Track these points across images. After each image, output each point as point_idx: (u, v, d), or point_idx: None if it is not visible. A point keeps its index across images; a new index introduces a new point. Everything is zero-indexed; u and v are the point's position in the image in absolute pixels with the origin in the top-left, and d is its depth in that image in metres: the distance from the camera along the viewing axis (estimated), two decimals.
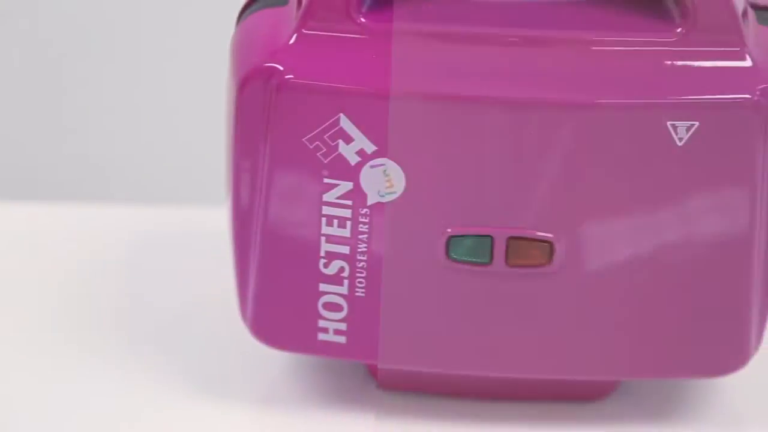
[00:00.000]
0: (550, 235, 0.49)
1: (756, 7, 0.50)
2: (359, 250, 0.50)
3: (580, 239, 0.49)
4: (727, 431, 0.53)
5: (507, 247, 0.49)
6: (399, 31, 0.48)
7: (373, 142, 0.48)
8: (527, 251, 0.49)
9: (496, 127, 0.47)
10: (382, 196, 0.49)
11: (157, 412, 0.53)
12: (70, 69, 0.84)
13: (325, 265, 0.50)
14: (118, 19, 0.85)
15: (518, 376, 0.51)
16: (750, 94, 0.47)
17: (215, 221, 0.59)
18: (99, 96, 0.84)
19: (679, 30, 0.48)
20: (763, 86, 0.47)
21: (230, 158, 0.50)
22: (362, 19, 0.48)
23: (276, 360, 0.55)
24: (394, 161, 0.48)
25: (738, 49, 0.47)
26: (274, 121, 0.48)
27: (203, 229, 0.63)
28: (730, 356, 0.50)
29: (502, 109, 0.47)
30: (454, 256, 0.49)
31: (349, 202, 0.49)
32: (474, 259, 0.49)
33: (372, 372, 0.54)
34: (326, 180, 0.49)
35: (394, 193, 0.49)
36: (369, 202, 0.49)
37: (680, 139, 0.48)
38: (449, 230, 0.49)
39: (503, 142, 0.48)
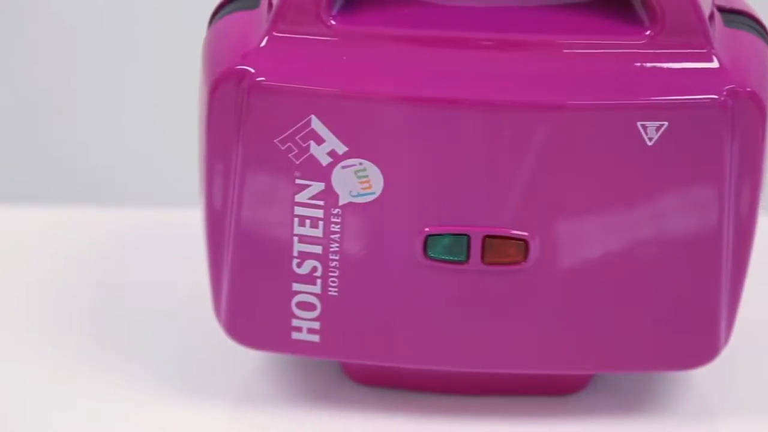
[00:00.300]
0: (525, 233, 0.49)
1: (722, 10, 0.50)
2: (331, 249, 0.50)
3: (555, 237, 0.49)
4: (698, 422, 0.53)
5: (483, 245, 0.49)
6: (370, 33, 0.48)
7: (344, 143, 0.48)
8: (503, 249, 0.49)
9: (471, 128, 0.48)
10: (355, 196, 0.49)
11: (133, 412, 0.53)
12: (42, 68, 0.84)
13: (298, 265, 0.50)
14: (86, 20, 0.85)
15: (495, 371, 0.52)
16: (717, 95, 0.47)
17: (189, 222, 0.59)
18: (71, 98, 0.84)
19: (647, 33, 0.48)
20: (729, 87, 0.47)
21: (203, 160, 0.50)
22: (333, 22, 0.48)
23: (251, 359, 0.56)
24: (372, 162, 0.48)
25: (705, 50, 0.48)
26: (246, 123, 0.48)
27: (177, 230, 0.63)
28: (701, 349, 0.51)
29: (476, 111, 0.47)
30: (432, 255, 0.50)
31: (321, 203, 0.49)
32: (451, 258, 0.50)
33: (346, 370, 0.55)
34: (298, 181, 0.49)
35: (373, 193, 0.49)
36: (341, 203, 0.49)
37: (650, 139, 0.48)
38: (427, 229, 0.49)
39: (478, 144, 0.48)
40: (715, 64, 0.48)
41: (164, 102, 0.82)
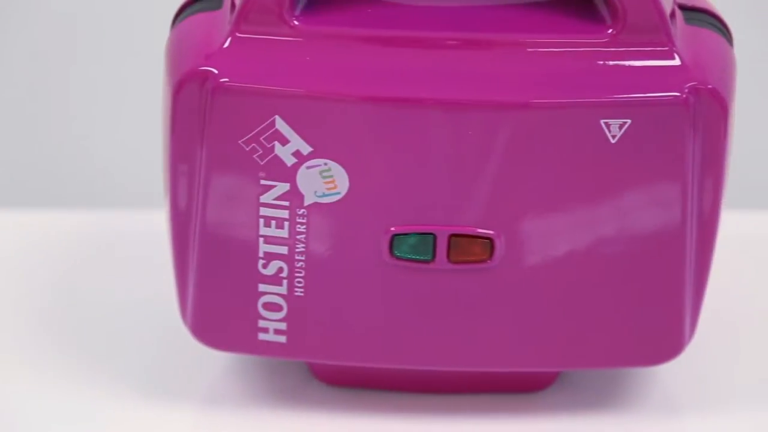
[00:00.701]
0: (490, 231, 0.49)
1: (683, 8, 0.51)
2: (297, 250, 0.50)
3: (520, 235, 0.49)
4: (663, 418, 0.54)
5: (449, 244, 0.49)
6: (334, 33, 0.48)
7: (309, 143, 0.48)
8: (468, 248, 0.49)
9: (435, 128, 0.48)
10: (320, 196, 0.49)
11: (99, 414, 0.53)
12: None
13: (264, 266, 0.50)
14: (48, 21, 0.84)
15: (462, 369, 0.52)
16: (679, 92, 0.48)
17: (155, 223, 0.59)
18: (32, 100, 0.83)
19: (609, 31, 0.48)
20: (691, 84, 0.48)
21: (167, 162, 0.50)
22: (296, 22, 0.48)
23: (217, 360, 0.56)
24: (337, 162, 0.48)
25: (667, 48, 0.48)
26: (209, 124, 0.48)
27: (143, 231, 0.63)
28: (666, 345, 0.51)
29: (440, 110, 0.48)
30: (398, 254, 0.50)
31: (286, 203, 0.49)
32: (417, 257, 0.50)
33: (313, 370, 0.55)
34: (263, 182, 0.49)
35: (338, 193, 0.49)
36: (306, 203, 0.49)
37: (613, 137, 0.48)
38: (392, 229, 0.49)
39: (443, 143, 0.48)
40: (676, 62, 0.48)
41: (128, 102, 0.82)
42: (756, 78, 0.75)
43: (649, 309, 0.51)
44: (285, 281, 0.50)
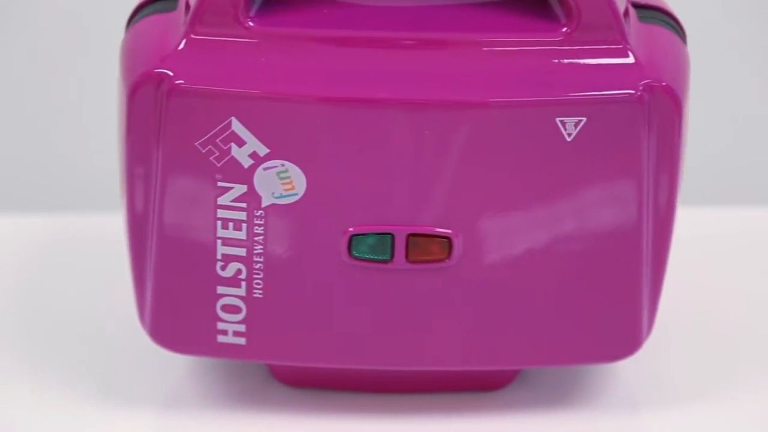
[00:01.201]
0: (448, 231, 0.49)
1: (637, 6, 0.51)
2: (255, 251, 0.50)
3: (478, 234, 0.49)
4: (622, 413, 0.54)
5: (407, 243, 0.49)
6: (289, 34, 0.48)
7: (266, 144, 0.48)
8: (427, 247, 0.50)
9: (392, 128, 0.48)
10: (278, 197, 0.49)
11: (59, 420, 0.53)
12: None
13: (222, 268, 0.50)
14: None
15: (422, 369, 0.52)
16: (633, 90, 0.48)
17: (113, 226, 0.59)
18: None
19: (564, 30, 0.48)
20: (645, 82, 0.48)
21: (123, 164, 0.49)
22: (251, 23, 0.48)
23: (177, 363, 0.55)
24: (294, 163, 0.48)
25: (621, 46, 0.48)
26: (165, 127, 0.48)
27: (102, 235, 0.63)
28: (624, 342, 0.52)
29: (397, 110, 0.48)
30: (356, 254, 0.50)
31: (244, 205, 0.49)
32: (375, 257, 0.50)
33: (273, 371, 0.55)
34: (220, 183, 0.49)
35: (296, 194, 0.49)
36: (264, 204, 0.49)
37: (569, 135, 0.48)
38: (351, 229, 0.49)
39: (400, 143, 0.48)
40: (630, 60, 0.48)
41: (83, 105, 0.81)
42: (709, 75, 0.75)
43: (607, 306, 0.51)
44: (243, 283, 0.50)
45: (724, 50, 0.83)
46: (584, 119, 0.48)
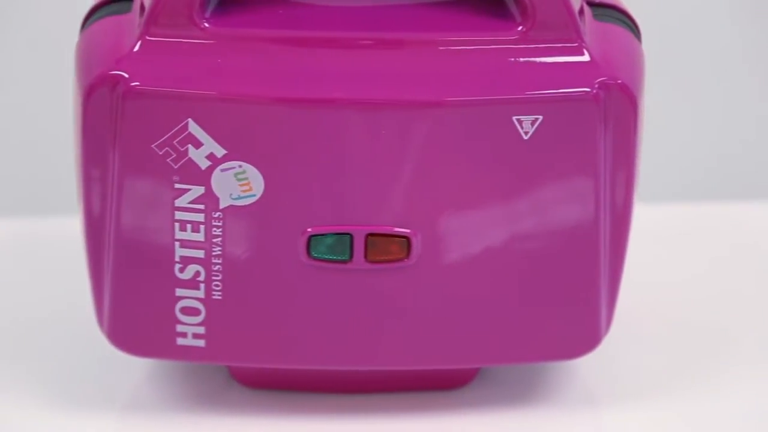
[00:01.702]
0: (407, 230, 0.49)
1: (592, 4, 0.51)
2: (214, 253, 0.50)
3: (437, 233, 0.50)
4: (583, 410, 0.54)
5: (366, 243, 0.49)
6: (245, 35, 0.48)
7: (223, 145, 0.48)
8: (386, 247, 0.50)
9: (349, 128, 0.48)
10: (236, 199, 0.49)
11: (16, 424, 0.53)
12: None
13: (181, 270, 0.50)
14: None
15: (383, 368, 0.52)
16: (589, 88, 0.48)
17: (71, 229, 0.58)
18: None
19: (519, 28, 0.49)
20: (601, 80, 0.48)
21: (79, 167, 0.49)
22: (206, 24, 0.48)
23: (137, 366, 0.55)
24: (252, 164, 0.48)
25: (576, 44, 0.49)
26: (121, 129, 0.48)
27: (59, 238, 0.63)
28: (583, 339, 0.52)
29: (354, 110, 0.48)
30: (315, 255, 0.50)
31: (202, 206, 0.49)
32: (334, 257, 0.50)
33: (234, 373, 0.55)
34: (177, 185, 0.49)
35: (253, 195, 0.49)
36: (222, 206, 0.49)
37: (526, 133, 0.49)
38: (309, 230, 0.49)
39: (358, 143, 0.48)
40: (586, 58, 0.49)
41: (39, 106, 0.81)
42: (664, 73, 0.76)
43: (566, 303, 0.51)
44: (202, 285, 0.50)
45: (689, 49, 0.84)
46: (540, 117, 0.48)
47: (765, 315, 0.60)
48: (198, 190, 0.49)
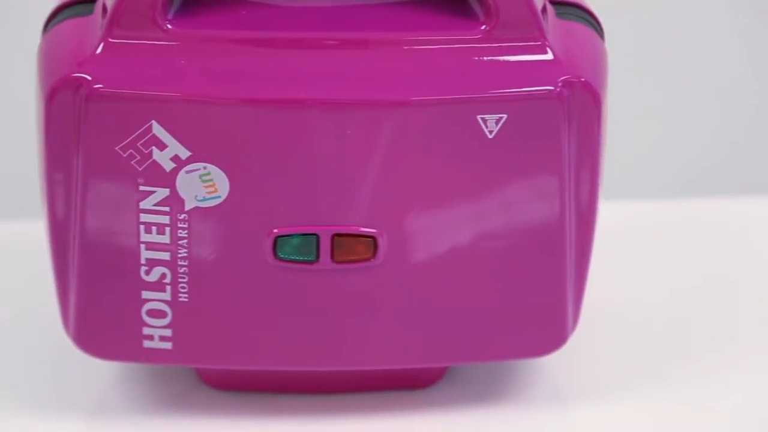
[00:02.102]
0: (373, 230, 0.49)
1: (555, 3, 0.51)
2: (180, 255, 0.50)
3: (403, 233, 0.50)
4: (550, 407, 0.54)
5: (332, 244, 0.49)
6: (209, 36, 0.48)
7: (187, 147, 0.48)
8: (352, 247, 0.50)
9: (315, 128, 0.48)
10: (201, 200, 0.49)
11: None
12: None
13: (147, 273, 0.50)
14: None
15: (351, 369, 0.52)
16: (553, 86, 0.48)
17: (35, 232, 0.58)
18: None
19: (482, 27, 0.49)
20: (564, 78, 0.48)
21: (43, 170, 0.49)
22: (169, 26, 0.48)
23: (104, 369, 0.55)
24: (217, 166, 0.48)
25: (539, 43, 0.49)
26: (85, 132, 0.48)
27: (25, 241, 0.62)
28: (551, 337, 0.52)
29: (319, 110, 0.48)
30: (282, 256, 0.50)
31: (167, 209, 0.49)
32: (301, 258, 0.50)
33: (201, 375, 0.54)
34: (142, 187, 0.49)
35: (219, 197, 0.49)
36: (187, 208, 0.49)
37: (490, 132, 0.49)
38: (275, 230, 0.49)
39: (323, 143, 0.48)
40: (549, 56, 0.49)
41: (2, 109, 0.80)
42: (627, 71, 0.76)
43: (533, 301, 0.51)
44: (168, 287, 0.50)
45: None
46: (505, 116, 0.48)
47: (731, 312, 0.60)
48: (163, 192, 0.49)
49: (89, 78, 0.47)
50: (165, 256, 0.50)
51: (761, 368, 0.56)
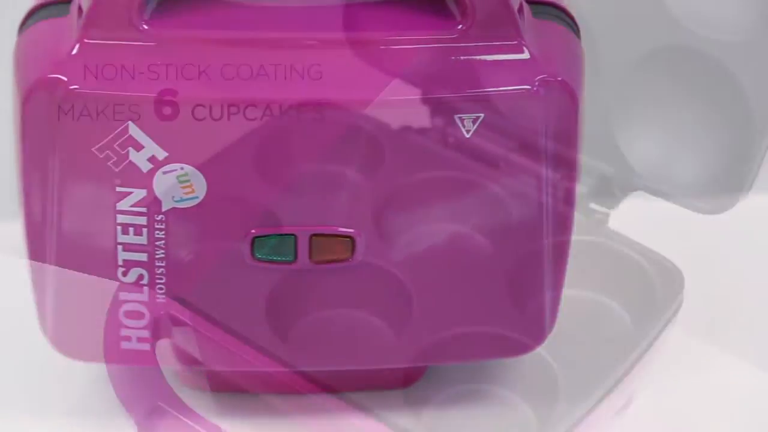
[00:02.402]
0: (351, 230, 0.49)
1: (531, 2, 0.51)
2: (157, 256, 0.49)
3: (381, 233, 0.50)
4: (527, 407, 0.54)
5: (310, 244, 0.49)
6: (185, 37, 0.48)
7: (164, 148, 0.48)
8: (330, 247, 0.50)
9: (292, 129, 0.48)
10: (178, 201, 0.49)
11: None
12: None
13: (124, 274, 0.50)
14: None
15: (329, 368, 0.52)
16: (529, 85, 0.48)
17: (12, 234, 0.58)
18: None
19: (459, 27, 0.49)
20: (541, 77, 0.48)
21: (19, 171, 0.49)
22: (145, 26, 0.48)
23: (82, 371, 0.55)
24: (194, 167, 0.48)
25: (516, 42, 0.49)
26: (61, 133, 0.48)
27: (1, 243, 0.62)
28: (529, 336, 0.52)
29: (298, 111, 0.48)
30: (259, 256, 0.50)
31: (144, 210, 0.49)
32: (279, 258, 0.50)
33: (180, 376, 0.54)
34: (119, 188, 0.48)
35: (196, 198, 0.49)
36: (164, 208, 0.49)
37: (468, 131, 0.49)
38: (253, 231, 0.49)
39: (301, 144, 0.48)
40: (526, 56, 0.49)
41: None
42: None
43: (511, 301, 0.51)
44: (146, 288, 0.50)
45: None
46: (482, 115, 0.48)
47: (702, 308, 0.60)
48: (140, 193, 0.49)
49: (65, 79, 0.47)
50: (142, 257, 0.49)
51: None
